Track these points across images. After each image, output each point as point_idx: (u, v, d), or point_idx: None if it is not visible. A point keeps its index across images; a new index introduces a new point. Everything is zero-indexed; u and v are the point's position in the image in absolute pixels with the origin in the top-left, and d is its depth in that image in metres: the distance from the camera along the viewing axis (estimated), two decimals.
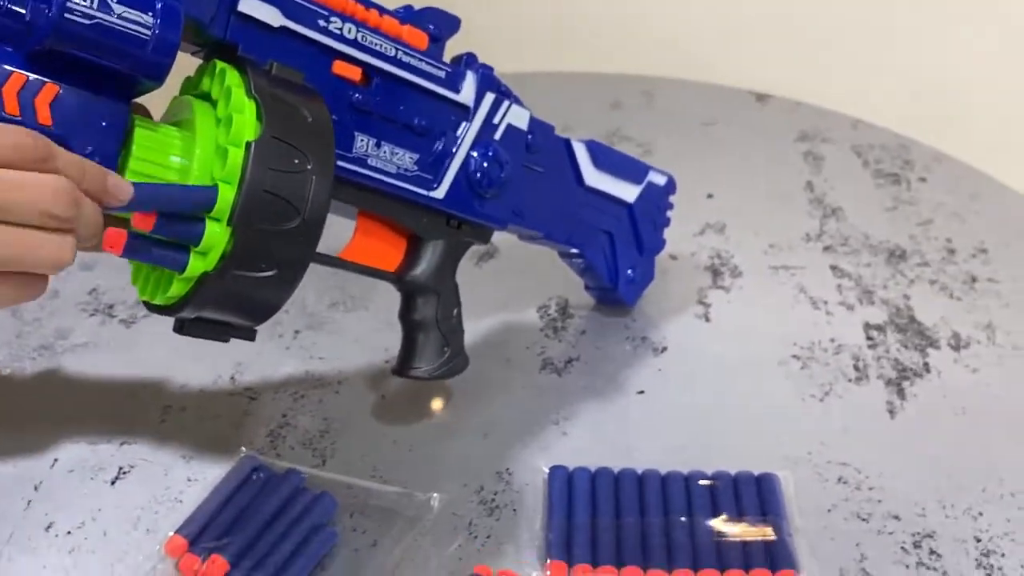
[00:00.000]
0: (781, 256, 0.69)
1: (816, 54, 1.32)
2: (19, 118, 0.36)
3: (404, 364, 0.51)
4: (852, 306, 0.64)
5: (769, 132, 0.87)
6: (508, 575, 0.43)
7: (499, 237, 0.55)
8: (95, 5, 0.34)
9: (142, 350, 0.61)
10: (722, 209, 0.75)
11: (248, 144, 0.36)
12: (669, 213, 0.63)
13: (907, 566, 0.45)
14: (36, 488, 0.51)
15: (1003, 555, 0.46)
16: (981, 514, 0.48)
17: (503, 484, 0.51)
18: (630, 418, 0.55)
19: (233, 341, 0.41)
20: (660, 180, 0.62)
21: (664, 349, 0.61)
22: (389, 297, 0.52)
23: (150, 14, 0.35)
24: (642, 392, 0.57)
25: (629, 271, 0.61)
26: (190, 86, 0.42)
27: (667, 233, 0.63)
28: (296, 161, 0.37)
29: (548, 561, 0.45)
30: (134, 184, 0.35)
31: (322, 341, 0.62)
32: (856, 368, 0.58)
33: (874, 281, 0.66)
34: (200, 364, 0.59)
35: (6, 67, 0.35)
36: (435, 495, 0.49)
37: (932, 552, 0.46)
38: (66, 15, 0.34)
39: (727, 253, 0.70)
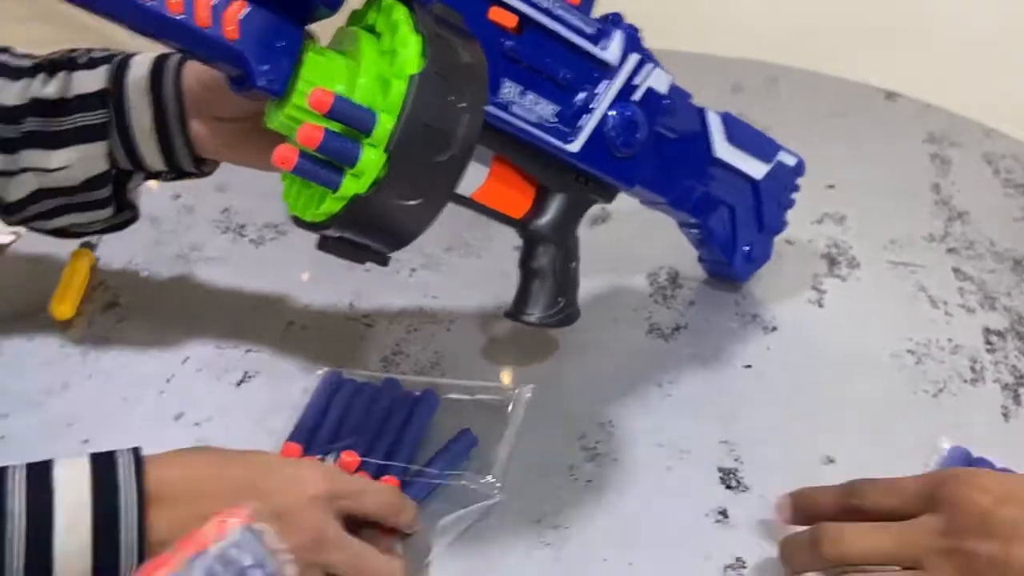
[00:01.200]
0: (902, 252, 0.68)
1: (950, 58, 1.28)
2: (210, 29, 0.38)
3: (518, 308, 0.52)
4: (973, 309, 0.62)
5: (896, 130, 0.85)
6: (391, 481, 0.46)
7: (614, 203, 0.55)
8: None
9: (268, 269, 0.64)
10: (842, 200, 0.74)
11: (411, 77, 0.38)
12: (794, 195, 0.62)
13: None
14: (168, 381, 0.54)
15: None
16: None
17: (605, 434, 0.52)
18: (736, 390, 0.56)
19: (353, 271, 0.43)
20: (790, 161, 0.61)
21: (774, 328, 0.61)
22: (503, 247, 0.53)
23: None
24: (749, 367, 0.57)
25: (746, 247, 0.61)
26: (355, 19, 0.44)
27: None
28: (452, 98, 0.38)
29: None
30: (335, 96, 0.37)
31: (436, 281, 0.64)
32: (972, 370, 0.57)
33: (998, 288, 0.65)
34: (321, 288, 0.62)
35: None
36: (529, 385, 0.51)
37: None
38: None
39: (845, 243, 0.69)
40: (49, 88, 0.50)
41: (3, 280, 0.63)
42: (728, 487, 0.49)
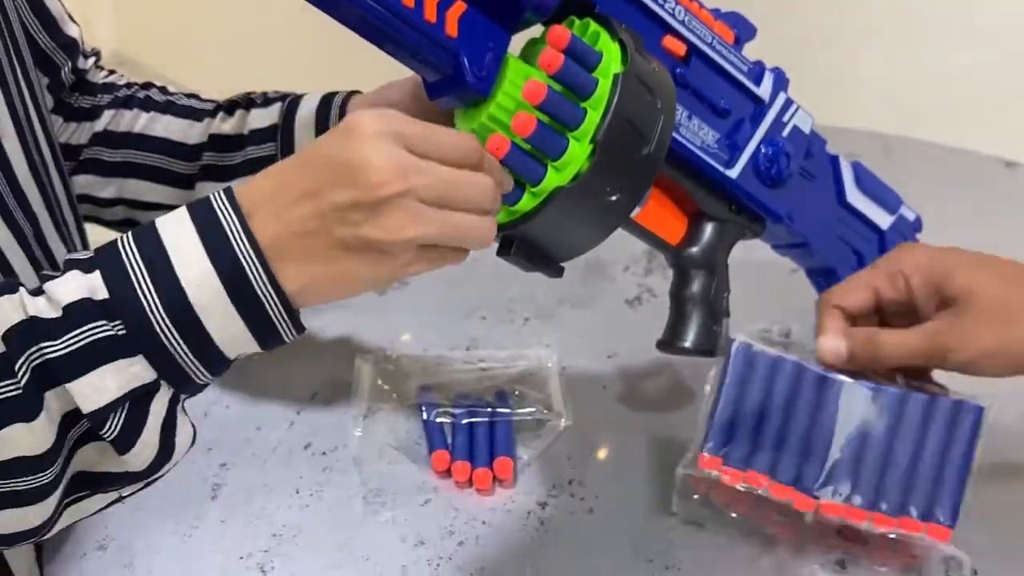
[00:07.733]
0: None
1: None
2: (434, 25, 0.40)
3: (673, 335, 0.51)
4: None
5: (1017, 198, 0.83)
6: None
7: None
8: None
9: (393, 318, 0.67)
10: None
11: (615, 75, 0.40)
12: None
13: None
14: (298, 413, 0.57)
15: None
16: None
17: None
18: None
19: (470, 319, 0.42)
20: (910, 215, 0.61)
21: None
22: (612, 301, 0.53)
23: None
24: None
25: None
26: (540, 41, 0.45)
27: None
28: (649, 99, 0.40)
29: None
30: (548, 87, 0.38)
31: (549, 330, 0.65)
32: None
33: None
34: (441, 333, 0.64)
35: None
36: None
37: None
38: None
39: None
40: (227, 125, 0.54)
41: None
42: None
